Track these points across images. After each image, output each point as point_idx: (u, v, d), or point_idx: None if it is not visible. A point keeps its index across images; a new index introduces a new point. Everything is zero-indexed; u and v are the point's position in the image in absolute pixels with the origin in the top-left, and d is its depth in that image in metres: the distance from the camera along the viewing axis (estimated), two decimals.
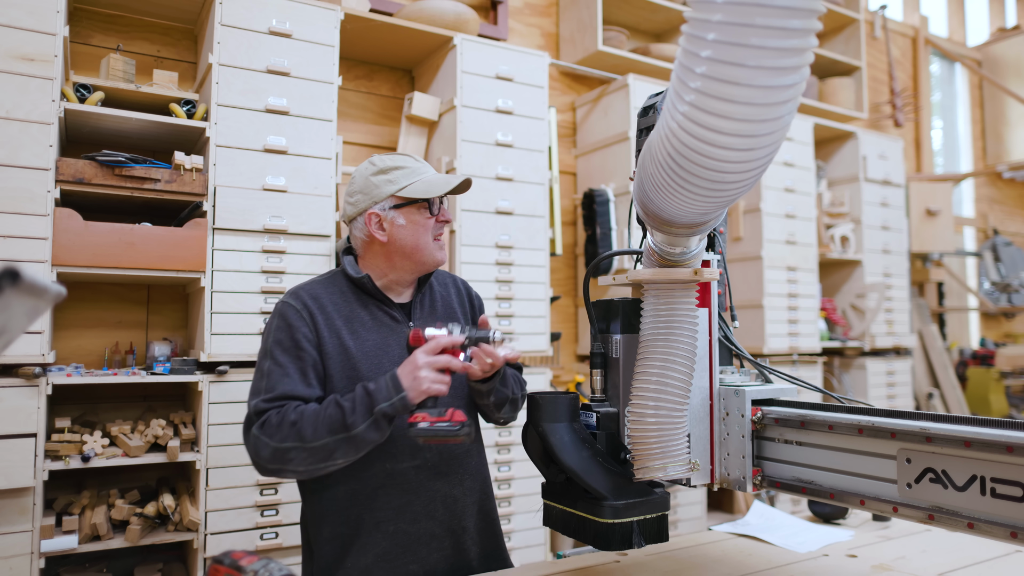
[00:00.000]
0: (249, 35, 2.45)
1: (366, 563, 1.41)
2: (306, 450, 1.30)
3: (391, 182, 1.49)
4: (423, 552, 1.44)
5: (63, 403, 2.38)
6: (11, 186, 2.07)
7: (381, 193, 1.49)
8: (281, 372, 1.40)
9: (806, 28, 0.77)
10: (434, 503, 1.46)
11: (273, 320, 1.46)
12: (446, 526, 1.47)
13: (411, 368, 1.30)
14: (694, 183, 0.95)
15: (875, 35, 5.33)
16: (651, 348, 1.23)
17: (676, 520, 3.30)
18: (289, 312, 1.45)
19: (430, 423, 1.28)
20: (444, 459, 1.48)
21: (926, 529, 1.64)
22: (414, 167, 1.52)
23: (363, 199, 1.51)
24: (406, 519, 1.43)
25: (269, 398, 1.37)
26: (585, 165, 3.65)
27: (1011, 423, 0.92)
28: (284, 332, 1.43)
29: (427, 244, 1.51)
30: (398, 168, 1.51)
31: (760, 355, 3.62)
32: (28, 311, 0.59)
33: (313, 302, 1.47)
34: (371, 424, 1.30)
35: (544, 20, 3.76)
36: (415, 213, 1.50)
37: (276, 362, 1.41)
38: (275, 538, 2.36)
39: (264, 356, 1.44)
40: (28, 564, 2.03)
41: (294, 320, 1.44)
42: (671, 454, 1.23)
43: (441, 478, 1.47)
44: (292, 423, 1.32)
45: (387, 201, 1.49)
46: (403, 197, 1.49)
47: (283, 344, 1.42)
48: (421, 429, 1.28)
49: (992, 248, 5.56)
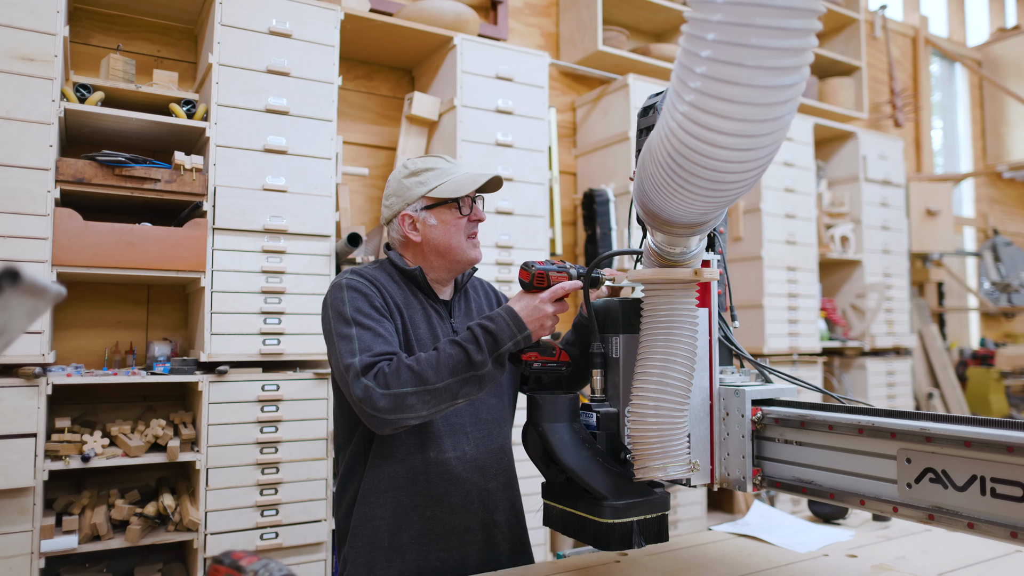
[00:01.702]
0: (249, 35, 2.45)
1: (401, 543, 1.43)
2: (428, 392, 1.31)
3: (422, 183, 1.53)
4: (455, 542, 1.46)
5: (63, 403, 2.38)
6: (11, 186, 2.07)
7: (412, 195, 1.53)
8: (372, 335, 1.39)
9: (806, 28, 0.77)
10: (471, 496, 1.49)
11: (342, 293, 1.45)
12: (479, 519, 1.49)
13: (535, 311, 1.33)
14: (694, 183, 0.95)
15: (875, 35, 5.33)
16: (651, 348, 1.23)
17: (676, 520, 3.30)
18: (360, 285, 1.46)
19: (542, 363, 1.36)
20: (482, 452, 1.52)
21: (926, 529, 1.64)
22: (444, 168, 1.55)
23: (397, 201, 1.55)
24: (444, 508, 1.46)
25: (373, 354, 1.36)
26: (585, 165, 3.65)
27: (1011, 423, 0.92)
28: (361, 301, 1.43)
29: (460, 243, 1.53)
30: (429, 170, 1.54)
31: (760, 355, 3.62)
32: (28, 311, 0.59)
33: (376, 281, 1.49)
34: (496, 362, 1.32)
35: (544, 20, 3.76)
36: (446, 213, 1.53)
37: (364, 327, 1.40)
38: (275, 538, 2.36)
39: (347, 324, 1.41)
40: (28, 564, 2.03)
41: (367, 290, 1.45)
42: (671, 454, 1.23)
43: (478, 471, 1.50)
44: (409, 368, 1.31)
45: (418, 202, 1.53)
46: (433, 198, 1.52)
47: (363, 311, 1.42)
48: (534, 368, 1.35)
49: (992, 248, 5.56)
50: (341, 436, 1.54)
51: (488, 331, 1.33)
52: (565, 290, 1.36)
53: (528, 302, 1.35)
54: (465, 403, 1.49)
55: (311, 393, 2.45)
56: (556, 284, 1.36)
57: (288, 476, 2.39)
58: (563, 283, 1.36)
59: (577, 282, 1.37)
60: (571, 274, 1.39)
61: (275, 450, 2.38)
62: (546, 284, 1.36)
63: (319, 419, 2.46)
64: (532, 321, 1.33)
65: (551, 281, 1.36)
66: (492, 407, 1.57)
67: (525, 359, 1.34)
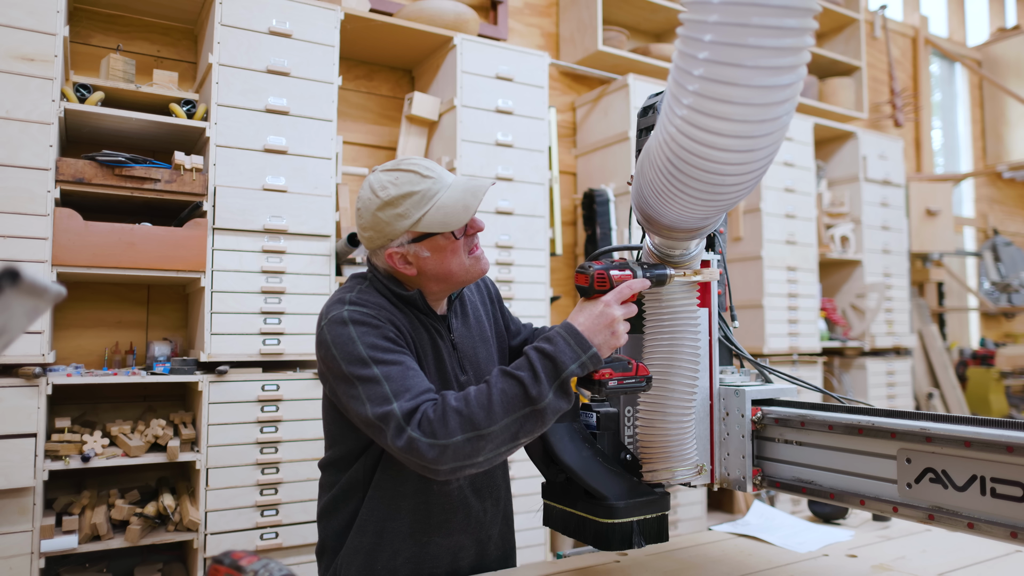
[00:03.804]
0: (249, 35, 2.45)
1: (395, 565, 1.37)
2: (482, 438, 1.12)
3: (402, 217, 1.28)
4: (449, 559, 1.41)
5: (63, 403, 2.38)
6: (11, 186, 2.07)
7: (394, 231, 1.29)
8: (402, 370, 1.21)
9: (802, 27, 0.78)
10: (469, 519, 1.42)
11: (347, 330, 1.25)
12: (475, 537, 1.44)
13: (600, 318, 1.14)
14: (694, 187, 0.94)
15: (875, 35, 5.32)
16: (655, 352, 1.23)
17: (676, 520, 3.30)
18: (365, 317, 1.27)
19: (618, 380, 1.16)
20: (480, 476, 1.44)
21: (926, 529, 1.64)
22: (423, 190, 1.29)
23: (376, 236, 1.32)
24: (442, 533, 1.39)
25: (413, 395, 1.18)
26: (585, 165, 3.65)
27: (1011, 423, 0.92)
28: (374, 335, 1.24)
29: (460, 265, 1.33)
30: (406, 196, 1.28)
31: (760, 355, 3.62)
32: (28, 311, 0.59)
33: (382, 311, 1.30)
34: (559, 391, 1.12)
35: (544, 20, 3.76)
36: (440, 240, 1.31)
37: (388, 363, 1.21)
38: (275, 538, 2.36)
39: (365, 365, 1.21)
40: (28, 564, 2.03)
41: (375, 322, 1.26)
42: (679, 458, 1.23)
43: (476, 493, 1.43)
44: (457, 412, 1.13)
45: (404, 237, 1.30)
46: (421, 232, 1.30)
47: (380, 347, 1.23)
48: (612, 388, 1.15)
49: (992, 248, 5.56)
50: (335, 454, 1.42)
51: (545, 355, 1.13)
52: (633, 290, 1.17)
53: (591, 311, 1.16)
54: None
55: (311, 393, 2.45)
56: (621, 284, 1.17)
57: (288, 476, 2.39)
58: (629, 282, 1.17)
59: (645, 280, 1.18)
60: (635, 272, 1.19)
61: (275, 450, 2.38)
62: (608, 286, 1.17)
63: (319, 419, 2.45)
64: (598, 333, 1.14)
65: (613, 282, 1.17)
66: None
67: (598, 378, 1.14)
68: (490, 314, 1.56)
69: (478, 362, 1.45)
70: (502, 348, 1.57)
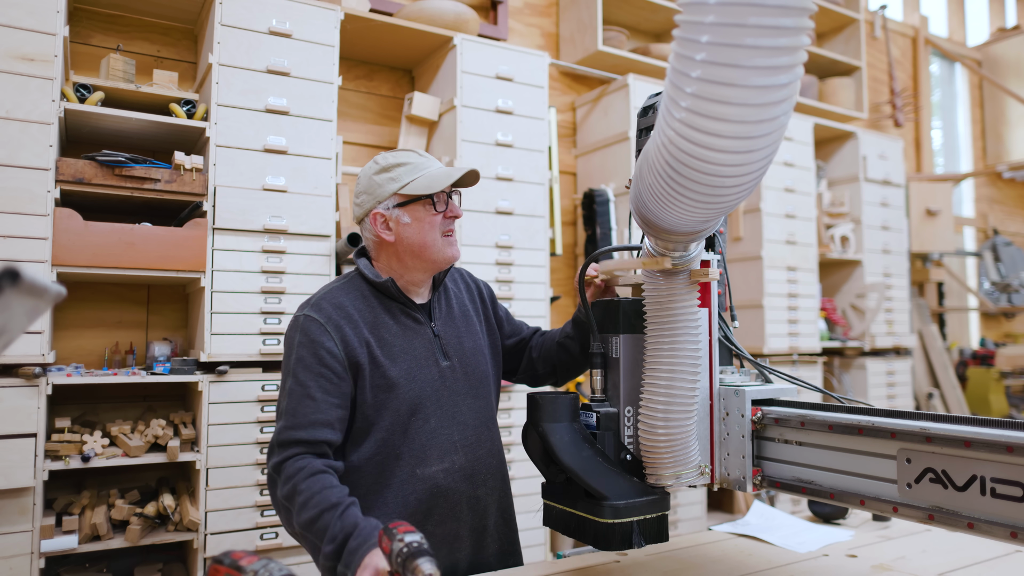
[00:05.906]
0: (249, 35, 2.45)
1: None
2: (290, 522, 1.32)
3: (393, 180, 1.46)
4: (444, 551, 1.43)
5: (63, 403, 2.38)
6: (11, 186, 2.07)
7: (384, 192, 1.46)
8: (303, 393, 1.35)
9: (799, 27, 0.78)
10: (459, 505, 1.45)
11: (295, 335, 1.41)
12: (469, 526, 1.46)
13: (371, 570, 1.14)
14: (693, 190, 0.94)
15: (875, 35, 5.33)
16: (656, 355, 1.23)
17: (676, 520, 3.30)
18: (312, 327, 1.39)
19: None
20: (471, 460, 1.48)
21: (926, 529, 1.64)
22: (417, 163, 1.47)
23: (368, 199, 1.48)
24: (432, 521, 1.42)
25: (293, 437, 1.33)
26: (585, 165, 3.65)
27: (1011, 423, 0.92)
28: (306, 349, 1.38)
29: (435, 241, 1.46)
30: (400, 165, 1.47)
31: (760, 355, 3.62)
32: (28, 311, 0.59)
33: (338, 312, 1.42)
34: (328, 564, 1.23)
35: (544, 20, 3.76)
36: (420, 210, 1.46)
37: (299, 381, 1.36)
38: (275, 538, 2.36)
39: (286, 374, 1.40)
40: (28, 564, 2.03)
41: (317, 335, 1.38)
42: (682, 461, 1.24)
43: (467, 480, 1.46)
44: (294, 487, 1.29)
45: (390, 200, 1.46)
46: (406, 195, 1.45)
47: (305, 362, 1.37)
48: None
49: (992, 248, 5.56)
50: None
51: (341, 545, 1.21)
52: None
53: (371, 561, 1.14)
54: (447, 414, 1.46)
55: None
56: None
57: None
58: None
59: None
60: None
61: None
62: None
63: None
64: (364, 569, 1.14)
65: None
66: (479, 410, 1.52)
67: None
68: (479, 311, 1.63)
69: (463, 350, 1.53)
70: (493, 344, 1.63)
